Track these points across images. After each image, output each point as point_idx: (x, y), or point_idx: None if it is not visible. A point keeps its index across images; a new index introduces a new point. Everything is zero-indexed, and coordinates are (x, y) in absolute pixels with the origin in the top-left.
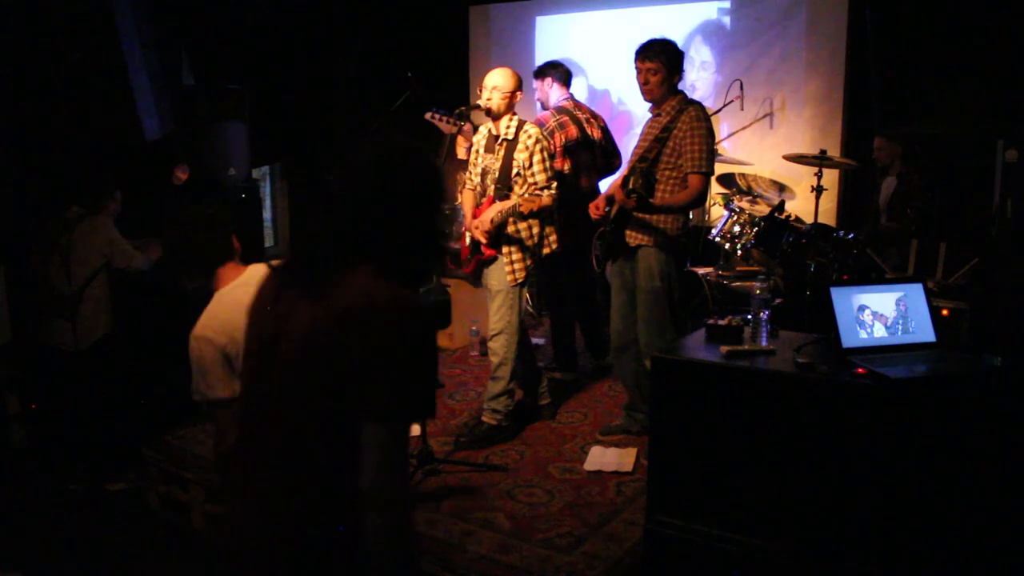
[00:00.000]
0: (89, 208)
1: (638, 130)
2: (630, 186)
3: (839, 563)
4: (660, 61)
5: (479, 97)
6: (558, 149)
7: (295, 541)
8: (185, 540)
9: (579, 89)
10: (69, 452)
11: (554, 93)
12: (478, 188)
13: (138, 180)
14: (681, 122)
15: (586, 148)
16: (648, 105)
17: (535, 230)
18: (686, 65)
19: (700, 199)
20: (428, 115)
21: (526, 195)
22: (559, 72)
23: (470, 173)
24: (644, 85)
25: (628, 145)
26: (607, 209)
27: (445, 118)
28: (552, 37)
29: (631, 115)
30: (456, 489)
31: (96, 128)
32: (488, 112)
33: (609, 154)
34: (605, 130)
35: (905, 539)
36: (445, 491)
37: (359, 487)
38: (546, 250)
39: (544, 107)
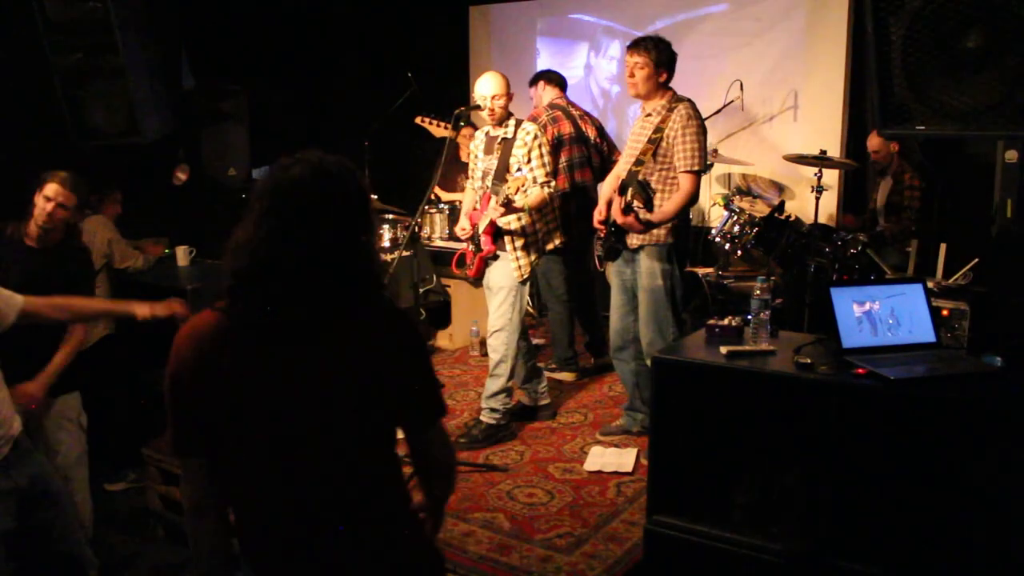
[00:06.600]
0: (89, 208)
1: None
2: (628, 197)
3: (839, 563)
4: (647, 55)
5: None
6: (550, 144)
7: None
8: (185, 540)
9: (580, 89)
10: None
11: (547, 94)
12: (479, 190)
13: (138, 180)
14: (672, 120)
15: (580, 143)
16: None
17: (539, 226)
18: (687, 65)
19: (694, 198)
20: (419, 119)
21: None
22: (551, 75)
23: (471, 176)
24: (630, 79)
25: None
26: (607, 215)
27: (436, 122)
28: (552, 37)
29: (633, 115)
30: (456, 489)
31: (96, 128)
32: (492, 117)
33: (604, 154)
34: (601, 129)
35: (905, 539)
36: None
37: (431, 481)
38: (550, 246)
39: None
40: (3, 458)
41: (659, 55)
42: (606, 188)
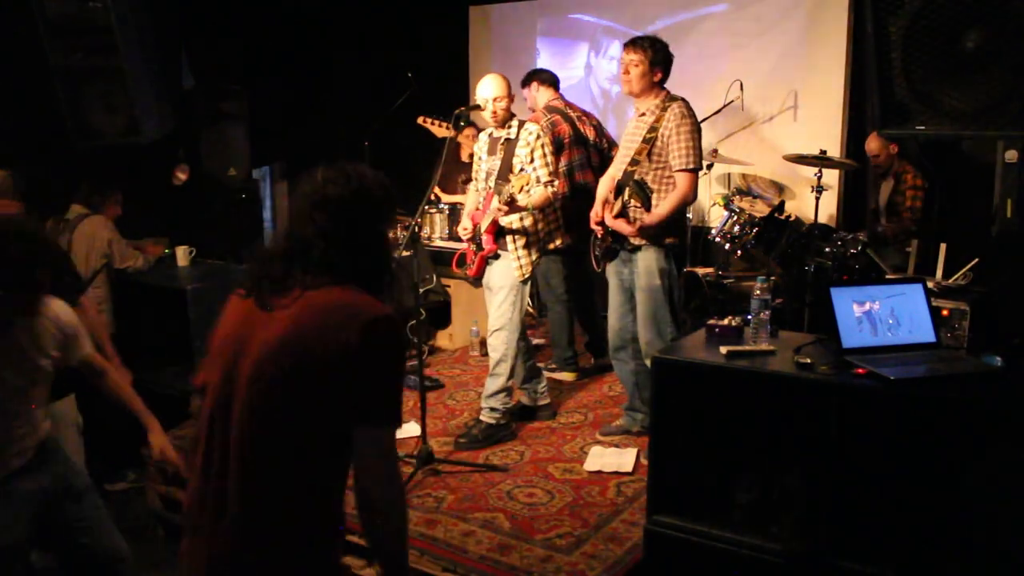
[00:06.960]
0: (90, 209)
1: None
2: (626, 197)
3: (839, 563)
4: (642, 53)
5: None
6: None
7: (295, 548)
8: None
9: (580, 89)
10: None
11: (542, 96)
12: (482, 191)
13: (138, 180)
14: (667, 120)
15: (579, 145)
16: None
17: (541, 226)
18: (687, 65)
19: (691, 197)
20: (421, 119)
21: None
22: (543, 76)
23: (475, 177)
24: (624, 75)
25: None
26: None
27: (438, 122)
28: (552, 37)
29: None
30: (456, 489)
31: (96, 128)
32: (494, 119)
33: (604, 151)
34: (599, 128)
35: (905, 539)
36: (445, 491)
37: (359, 489)
38: (551, 246)
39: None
40: (28, 460)
41: (655, 54)
42: (601, 189)
